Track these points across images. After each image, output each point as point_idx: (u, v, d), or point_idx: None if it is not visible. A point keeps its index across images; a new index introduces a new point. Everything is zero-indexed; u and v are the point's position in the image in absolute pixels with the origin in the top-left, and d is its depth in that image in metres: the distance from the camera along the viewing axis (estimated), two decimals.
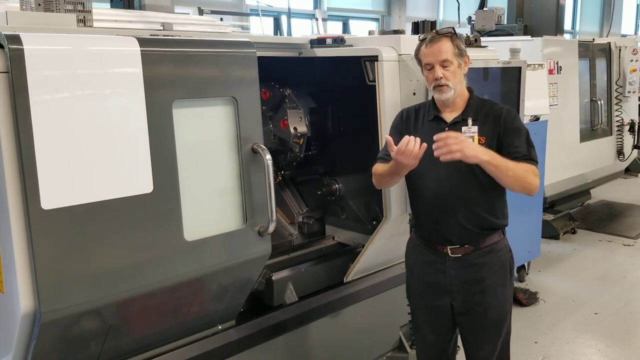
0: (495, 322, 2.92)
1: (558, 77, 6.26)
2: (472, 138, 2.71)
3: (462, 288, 2.87)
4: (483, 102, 2.89)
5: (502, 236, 2.91)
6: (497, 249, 2.88)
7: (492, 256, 2.87)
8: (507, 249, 2.93)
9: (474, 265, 2.85)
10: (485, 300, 2.87)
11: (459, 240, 2.84)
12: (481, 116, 2.80)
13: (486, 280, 2.85)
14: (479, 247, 2.84)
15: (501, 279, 2.90)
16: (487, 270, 2.85)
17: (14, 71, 2.03)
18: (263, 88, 3.55)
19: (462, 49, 2.80)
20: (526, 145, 2.76)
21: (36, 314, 2.16)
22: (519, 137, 2.76)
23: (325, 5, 12.56)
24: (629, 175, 9.87)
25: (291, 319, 3.25)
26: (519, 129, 2.79)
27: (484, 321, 2.91)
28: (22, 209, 2.09)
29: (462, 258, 2.85)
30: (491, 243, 2.86)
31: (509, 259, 2.93)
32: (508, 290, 2.94)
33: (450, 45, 2.75)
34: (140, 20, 3.11)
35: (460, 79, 2.80)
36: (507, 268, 2.92)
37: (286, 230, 4.08)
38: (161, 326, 2.68)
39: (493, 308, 2.88)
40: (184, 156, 2.51)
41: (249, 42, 2.79)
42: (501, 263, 2.89)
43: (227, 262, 2.74)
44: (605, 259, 6.40)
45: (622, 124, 7.56)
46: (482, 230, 2.83)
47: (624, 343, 4.55)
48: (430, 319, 3.01)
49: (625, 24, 21.01)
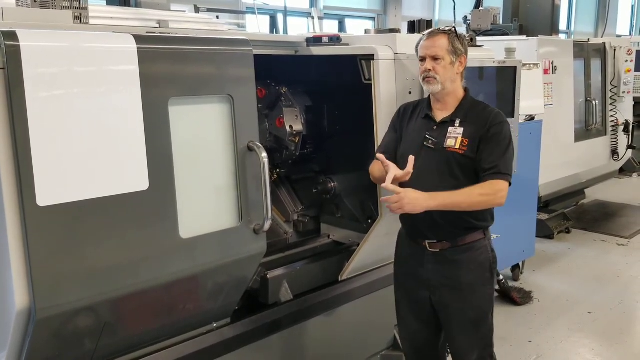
0: (472, 321, 2.93)
1: (553, 77, 6.28)
2: (456, 139, 2.81)
3: (439, 283, 2.91)
4: (476, 104, 2.92)
5: (483, 236, 2.91)
6: (476, 248, 2.89)
7: (470, 255, 2.88)
8: (487, 249, 2.93)
9: (451, 262, 2.88)
10: (461, 297, 2.89)
11: (435, 235, 2.89)
12: (471, 118, 2.84)
13: (462, 277, 2.88)
14: (456, 244, 2.87)
15: (479, 279, 2.90)
16: (464, 268, 2.88)
17: (10, 68, 2.03)
18: (259, 86, 3.55)
19: (458, 48, 2.83)
20: (501, 156, 2.77)
21: (31, 311, 2.15)
22: (497, 147, 2.78)
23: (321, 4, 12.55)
24: (623, 175, 9.91)
25: (286, 317, 3.26)
26: (499, 137, 2.79)
27: (460, 318, 2.92)
28: (18, 205, 2.09)
29: (440, 253, 2.89)
30: (469, 241, 2.88)
31: (489, 259, 2.92)
32: (487, 291, 2.95)
33: (445, 42, 2.81)
34: (137, 17, 3.11)
35: (451, 77, 2.83)
36: (487, 268, 2.92)
37: (281, 229, 4.08)
38: (156, 324, 2.68)
39: (470, 306, 2.90)
40: (180, 154, 2.51)
41: (245, 40, 2.79)
42: (479, 262, 2.89)
43: (223, 259, 2.74)
44: (599, 258, 6.42)
45: (617, 124, 7.60)
46: (457, 229, 2.85)
47: (617, 342, 4.57)
48: (413, 310, 3.05)
49: (620, 24, 21.08)
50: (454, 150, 2.80)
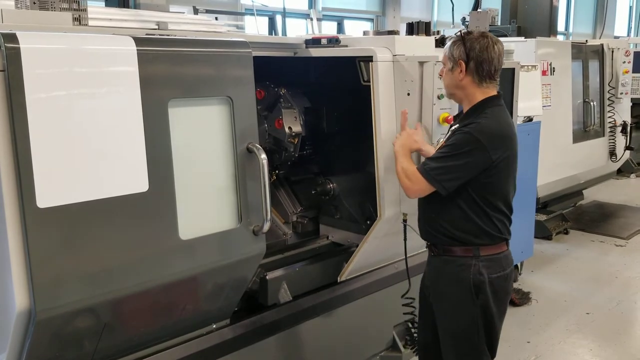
0: (451, 335, 2.85)
1: (551, 78, 6.29)
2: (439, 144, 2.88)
3: (429, 288, 2.93)
4: (478, 113, 2.74)
5: (471, 254, 2.74)
6: (459, 263, 2.75)
7: (452, 267, 2.78)
8: (472, 268, 2.72)
9: (436, 269, 2.88)
10: (440, 307, 2.87)
11: (425, 236, 2.92)
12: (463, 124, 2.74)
13: (442, 288, 2.84)
14: (441, 252, 2.82)
15: (459, 295, 2.76)
16: (444, 279, 2.82)
17: (11, 70, 2.03)
18: (258, 87, 3.55)
19: (454, 55, 2.72)
20: (432, 157, 2.76)
21: (31, 312, 2.16)
22: (438, 150, 2.77)
23: (319, 5, 12.57)
24: (621, 176, 9.93)
25: (285, 318, 3.26)
26: (449, 142, 2.73)
27: (440, 327, 2.89)
28: (18, 207, 2.09)
29: (433, 257, 2.91)
30: (453, 254, 2.77)
31: (472, 280, 2.72)
32: (469, 310, 2.75)
33: (447, 47, 2.79)
34: (136, 19, 3.12)
35: (454, 83, 2.77)
36: (469, 288, 2.73)
37: (280, 230, 4.09)
38: (156, 325, 2.69)
39: (446, 319, 2.85)
40: (180, 155, 2.52)
41: (244, 42, 2.79)
42: (459, 280, 2.74)
43: (222, 261, 2.75)
44: (597, 259, 6.43)
45: (615, 125, 7.60)
46: (440, 235, 2.79)
47: (615, 343, 4.58)
48: (422, 309, 3.06)
49: (618, 25, 21.12)
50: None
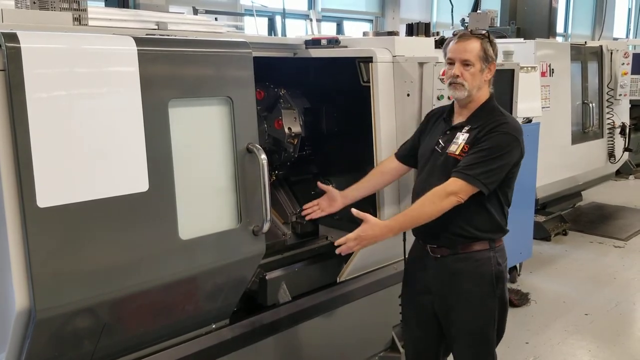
0: (470, 333, 2.83)
1: (550, 79, 6.29)
2: (458, 145, 2.72)
3: (439, 290, 2.86)
4: (493, 111, 2.75)
5: (488, 247, 2.77)
6: (477, 258, 2.76)
7: (471, 264, 2.76)
8: (491, 261, 2.77)
9: (450, 269, 2.80)
10: (459, 307, 2.81)
11: (435, 240, 2.82)
12: (482, 125, 2.71)
13: (461, 287, 2.78)
14: (456, 251, 2.78)
15: (479, 291, 2.77)
16: (465, 277, 2.78)
17: (11, 69, 2.04)
18: (258, 88, 3.55)
19: (490, 55, 2.70)
20: (473, 162, 2.63)
21: (31, 311, 2.16)
22: (477, 153, 2.65)
23: (319, 6, 12.57)
24: (620, 177, 9.92)
25: (284, 318, 3.26)
26: (486, 144, 2.65)
27: (458, 329, 2.84)
28: (18, 206, 2.09)
29: (441, 259, 2.82)
30: (470, 251, 2.77)
31: (492, 272, 2.76)
32: (488, 304, 2.79)
33: (477, 46, 2.68)
34: (135, 19, 3.12)
35: (478, 84, 2.71)
36: (491, 280, 2.77)
37: (280, 230, 4.08)
38: (155, 325, 2.69)
39: (468, 318, 2.81)
40: (180, 155, 2.52)
41: (244, 42, 2.80)
42: (481, 274, 2.76)
43: (222, 261, 2.75)
44: (596, 260, 6.43)
45: (614, 126, 7.61)
46: (456, 236, 2.76)
47: (614, 344, 4.58)
48: (416, 314, 3.01)
49: (617, 27, 21.13)
50: (454, 156, 2.72)
